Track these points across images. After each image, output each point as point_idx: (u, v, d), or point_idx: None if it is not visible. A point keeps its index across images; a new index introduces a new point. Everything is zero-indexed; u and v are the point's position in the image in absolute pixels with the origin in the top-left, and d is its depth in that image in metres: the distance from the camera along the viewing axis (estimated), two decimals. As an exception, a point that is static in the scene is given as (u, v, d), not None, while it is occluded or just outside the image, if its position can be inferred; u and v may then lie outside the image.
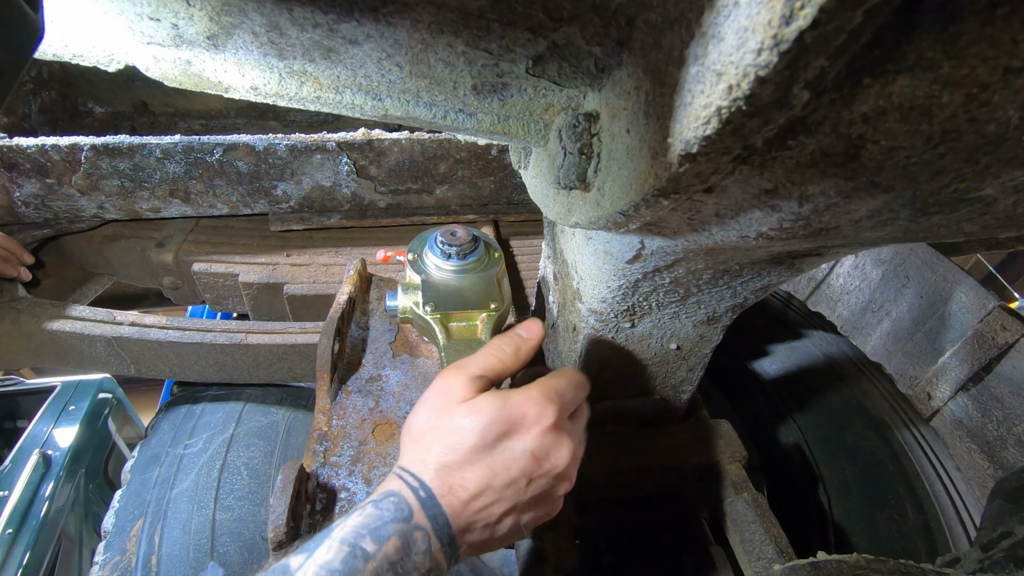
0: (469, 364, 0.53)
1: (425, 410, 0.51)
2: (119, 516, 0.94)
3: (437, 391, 0.51)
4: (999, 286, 4.34)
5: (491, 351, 0.54)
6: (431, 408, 0.51)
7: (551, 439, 0.49)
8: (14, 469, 1.94)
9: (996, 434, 0.88)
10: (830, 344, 1.35)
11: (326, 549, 0.41)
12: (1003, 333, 0.87)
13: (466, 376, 0.51)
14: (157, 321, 0.93)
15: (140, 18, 0.46)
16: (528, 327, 0.57)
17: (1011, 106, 0.28)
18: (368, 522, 0.43)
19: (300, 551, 0.43)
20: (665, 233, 0.50)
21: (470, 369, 0.52)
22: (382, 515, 0.44)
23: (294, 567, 0.41)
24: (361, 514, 0.44)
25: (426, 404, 0.51)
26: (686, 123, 0.31)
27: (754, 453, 1.28)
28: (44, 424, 2.19)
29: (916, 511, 1.06)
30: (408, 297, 0.82)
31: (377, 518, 0.43)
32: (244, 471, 1.00)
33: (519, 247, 1.24)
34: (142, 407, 2.86)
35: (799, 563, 0.67)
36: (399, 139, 1.07)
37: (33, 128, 1.26)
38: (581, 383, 0.54)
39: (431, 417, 0.50)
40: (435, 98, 0.48)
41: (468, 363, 0.53)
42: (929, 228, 0.41)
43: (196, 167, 1.03)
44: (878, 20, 0.23)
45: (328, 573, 0.40)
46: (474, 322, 0.80)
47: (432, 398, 0.51)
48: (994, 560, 0.68)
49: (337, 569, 0.40)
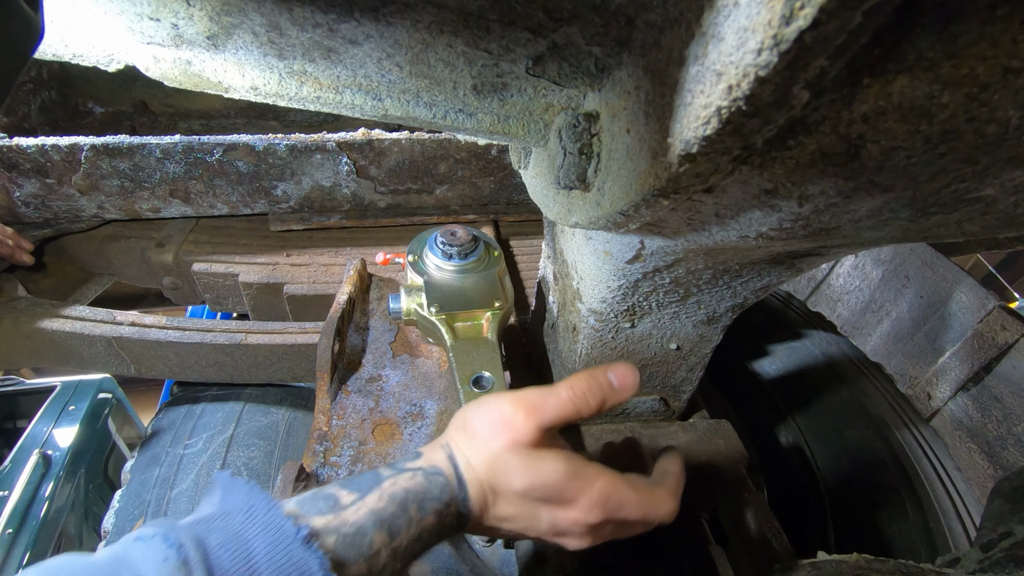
0: (545, 408, 0.48)
1: (487, 422, 0.48)
2: (119, 516, 0.94)
3: (504, 417, 0.48)
4: (999, 286, 4.33)
5: (573, 398, 0.49)
6: (492, 426, 0.48)
7: (578, 531, 0.49)
8: (14, 469, 1.94)
9: (996, 434, 0.88)
10: (830, 344, 1.35)
11: (377, 498, 0.43)
12: (1003, 333, 0.87)
13: (537, 424, 0.47)
14: (157, 321, 0.93)
15: (140, 18, 0.46)
16: (622, 375, 0.51)
17: (1011, 106, 0.28)
18: (418, 490, 0.44)
19: (348, 486, 0.43)
20: (665, 233, 0.50)
21: (544, 416, 0.48)
22: (429, 490, 0.45)
23: (344, 502, 0.42)
24: (413, 478, 0.45)
25: (489, 417, 0.48)
26: (686, 123, 0.31)
27: (754, 453, 1.28)
28: (44, 424, 2.19)
29: (916, 511, 1.06)
30: (412, 299, 0.82)
31: (426, 491, 0.45)
32: (244, 471, 1.00)
33: (519, 247, 1.24)
34: (142, 407, 2.86)
35: (799, 563, 0.67)
36: (399, 139, 1.07)
37: (33, 128, 1.26)
38: (651, 513, 0.49)
39: (490, 435, 0.48)
40: (435, 98, 0.48)
41: (544, 406, 0.48)
42: (929, 228, 0.41)
43: (196, 167, 1.03)
44: (878, 20, 0.23)
45: (376, 522, 0.41)
46: (479, 321, 0.80)
47: (497, 418, 0.48)
48: (994, 560, 0.68)
49: (385, 521, 0.42)
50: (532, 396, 0.49)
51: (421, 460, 0.47)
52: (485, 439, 0.48)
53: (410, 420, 0.79)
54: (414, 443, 0.76)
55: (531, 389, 0.50)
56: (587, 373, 0.50)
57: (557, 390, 0.49)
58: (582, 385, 0.49)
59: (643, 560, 0.89)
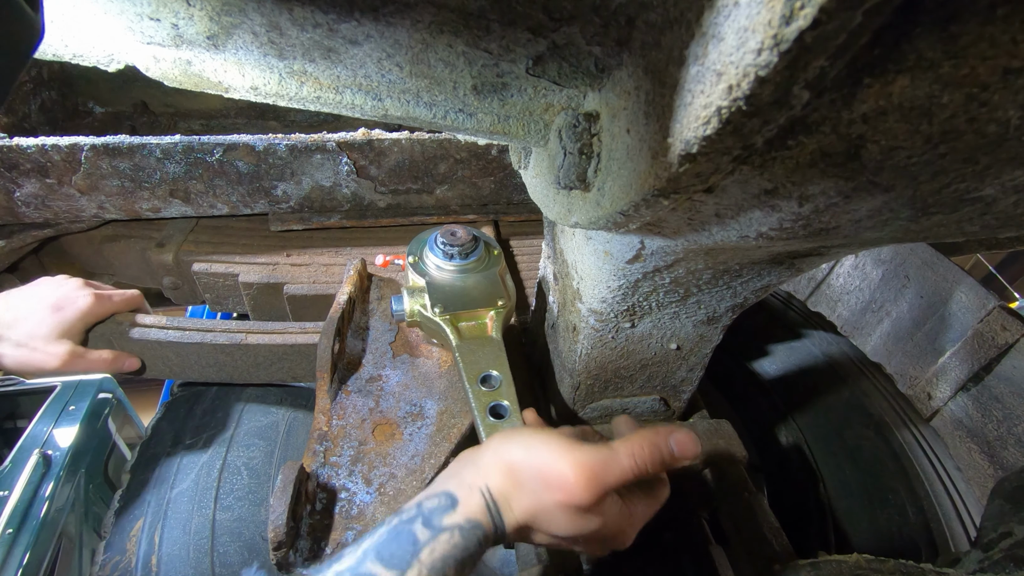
0: (608, 478, 0.46)
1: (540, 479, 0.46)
2: (119, 516, 0.94)
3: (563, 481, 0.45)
4: (999, 286, 4.33)
5: (635, 468, 0.47)
6: (546, 484, 0.46)
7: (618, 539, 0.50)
8: (14, 469, 1.94)
9: (996, 434, 0.88)
10: (830, 344, 1.35)
11: (416, 573, 0.41)
12: (1003, 333, 0.87)
13: (597, 496, 0.46)
14: (157, 321, 0.93)
15: (140, 18, 0.46)
16: (683, 444, 0.49)
17: (1011, 106, 0.28)
18: (457, 553, 0.43)
19: (386, 562, 0.41)
20: (665, 233, 0.50)
21: (606, 486, 0.46)
22: (468, 548, 0.44)
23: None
24: (451, 540, 0.43)
25: (543, 474, 0.46)
26: (686, 123, 0.31)
27: (754, 453, 1.28)
28: (44, 424, 2.19)
29: (916, 511, 1.06)
30: (415, 300, 0.82)
31: (464, 550, 0.44)
32: (244, 471, 0.99)
33: (519, 247, 1.24)
34: (142, 407, 2.86)
35: (799, 563, 0.67)
36: (399, 139, 1.07)
37: (33, 128, 1.26)
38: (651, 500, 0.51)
39: (541, 490, 0.46)
40: (435, 98, 0.48)
41: (607, 475, 0.46)
42: (929, 228, 0.41)
43: (196, 167, 1.03)
44: (878, 20, 0.23)
45: None
46: (483, 320, 0.80)
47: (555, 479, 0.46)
48: (994, 560, 0.68)
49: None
50: (594, 461, 0.46)
51: (458, 513, 0.44)
52: (535, 491, 0.46)
53: (410, 420, 0.79)
54: (414, 443, 0.76)
55: (590, 448, 0.47)
56: (650, 439, 0.48)
57: (619, 456, 0.47)
58: (645, 454, 0.48)
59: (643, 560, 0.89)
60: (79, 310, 0.84)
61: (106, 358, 0.87)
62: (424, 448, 0.76)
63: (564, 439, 0.48)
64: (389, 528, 0.44)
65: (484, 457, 0.50)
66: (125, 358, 0.90)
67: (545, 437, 0.49)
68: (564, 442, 0.48)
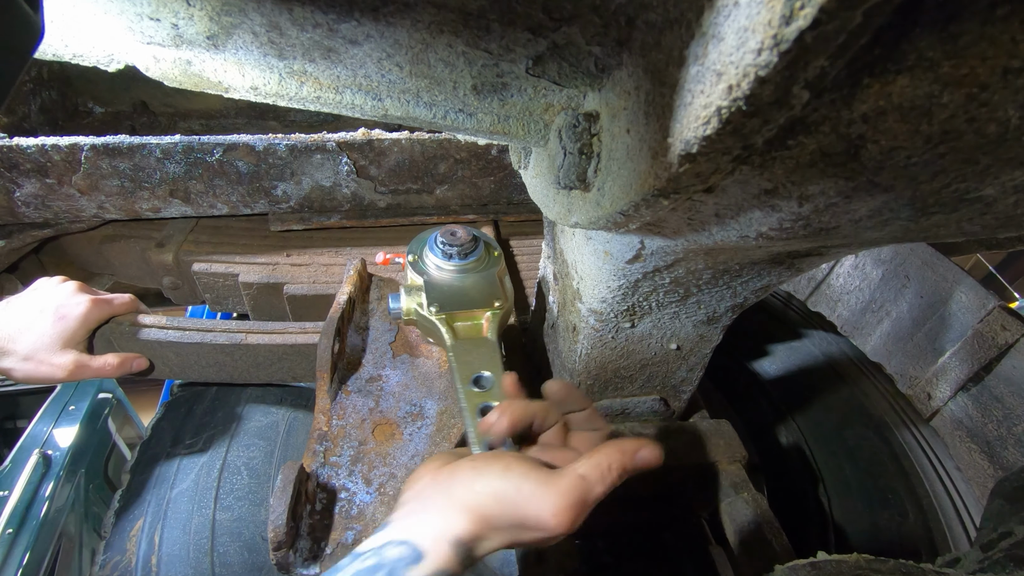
0: (585, 503, 0.46)
1: (518, 525, 0.46)
2: (119, 516, 0.94)
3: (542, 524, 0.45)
4: (999, 286, 4.33)
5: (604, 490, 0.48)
6: (524, 528, 0.46)
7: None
8: (14, 469, 1.94)
9: (996, 434, 0.88)
10: (830, 344, 1.35)
11: None
12: (1003, 333, 0.87)
13: (577, 519, 0.46)
14: (157, 321, 0.93)
15: (140, 18, 0.46)
16: (647, 460, 0.50)
17: (1011, 106, 0.28)
18: None
19: None
20: (665, 233, 0.50)
21: (583, 509, 0.47)
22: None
23: None
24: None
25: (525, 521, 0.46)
26: (686, 123, 0.31)
27: (754, 453, 1.28)
28: (44, 424, 2.19)
29: (916, 511, 1.06)
30: (412, 299, 0.82)
31: None
32: (244, 471, 1.00)
33: (519, 247, 1.24)
34: (142, 407, 2.86)
35: (799, 563, 0.66)
36: (399, 139, 1.07)
37: (33, 128, 1.26)
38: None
39: (520, 531, 0.46)
40: (435, 98, 0.48)
41: (584, 502, 0.46)
42: (929, 228, 0.41)
43: (196, 167, 1.03)
44: (878, 20, 0.23)
45: None
46: (479, 321, 0.80)
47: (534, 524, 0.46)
48: (994, 560, 0.68)
49: None
50: (571, 499, 0.46)
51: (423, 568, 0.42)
52: (511, 532, 0.46)
53: (410, 420, 0.79)
54: (414, 443, 0.76)
55: (563, 483, 0.46)
56: (619, 462, 0.49)
57: (591, 485, 0.47)
58: (614, 476, 0.48)
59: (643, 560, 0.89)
60: (80, 316, 0.84)
61: (112, 363, 0.87)
62: (424, 448, 0.76)
63: (532, 478, 0.47)
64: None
65: (446, 503, 0.47)
66: (132, 360, 0.90)
67: (512, 479, 0.47)
68: (534, 483, 0.46)
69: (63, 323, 0.83)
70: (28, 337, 0.81)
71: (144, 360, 0.91)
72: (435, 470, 0.52)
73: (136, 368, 0.90)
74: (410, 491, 0.51)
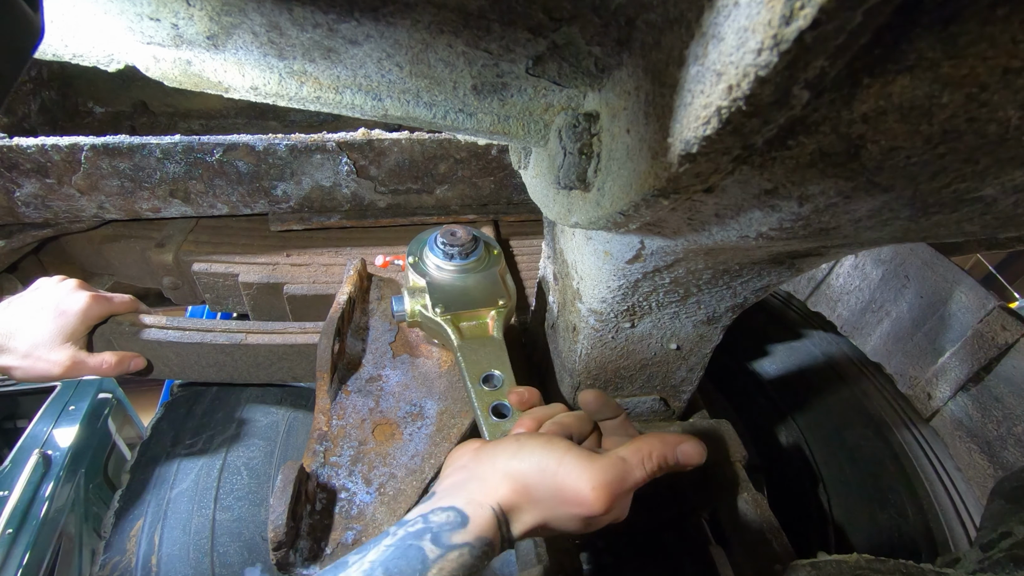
0: (623, 485, 0.47)
1: (558, 497, 0.46)
2: (119, 516, 0.94)
3: (581, 499, 0.46)
4: (999, 286, 4.33)
5: (644, 476, 0.48)
6: (563, 503, 0.46)
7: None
8: (14, 469, 1.94)
9: (996, 434, 0.88)
10: (830, 344, 1.35)
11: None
12: (1003, 333, 0.87)
13: (615, 500, 0.47)
14: (157, 321, 0.93)
15: (140, 18, 0.46)
16: (689, 455, 0.51)
17: (1011, 106, 0.28)
18: (464, 572, 0.43)
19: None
20: (665, 233, 0.50)
21: (622, 491, 0.47)
22: (476, 565, 0.43)
23: None
24: (460, 558, 0.43)
25: (563, 494, 0.47)
26: (686, 123, 0.31)
27: (754, 453, 1.28)
28: (44, 424, 2.19)
29: (916, 511, 1.06)
30: (415, 300, 0.82)
31: (472, 567, 0.43)
32: (244, 471, 1.00)
33: (519, 247, 1.24)
34: (142, 407, 2.86)
35: (799, 563, 0.67)
36: (399, 139, 1.07)
37: (33, 128, 1.26)
38: None
39: (557, 506, 0.47)
40: (435, 98, 0.48)
41: (623, 483, 0.47)
42: (929, 228, 0.41)
43: (196, 167, 1.03)
44: (878, 20, 0.23)
45: None
46: (484, 320, 0.80)
47: (573, 498, 0.46)
48: (994, 560, 0.68)
49: None
50: (610, 477, 0.46)
51: (468, 531, 0.43)
52: (549, 506, 0.47)
53: (410, 420, 0.79)
54: (414, 443, 0.76)
55: (603, 462, 0.47)
56: (660, 450, 0.49)
57: (631, 468, 0.48)
58: (655, 465, 0.49)
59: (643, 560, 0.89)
60: (78, 312, 0.84)
61: (110, 361, 0.86)
62: (424, 448, 0.76)
63: (574, 453, 0.48)
64: (396, 541, 0.43)
65: (490, 471, 0.49)
66: (130, 359, 0.89)
67: (555, 452, 0.48)
68: (576, 458, 0.47)
69: (62, 319, 0.83)
70: (27, 334, 0.81)
71: (142, 360, 0.91)
72: (475, 449, 0.53)
73: (134, 368, 0.90)
74: (451, 467, 0.53)
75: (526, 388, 0.63)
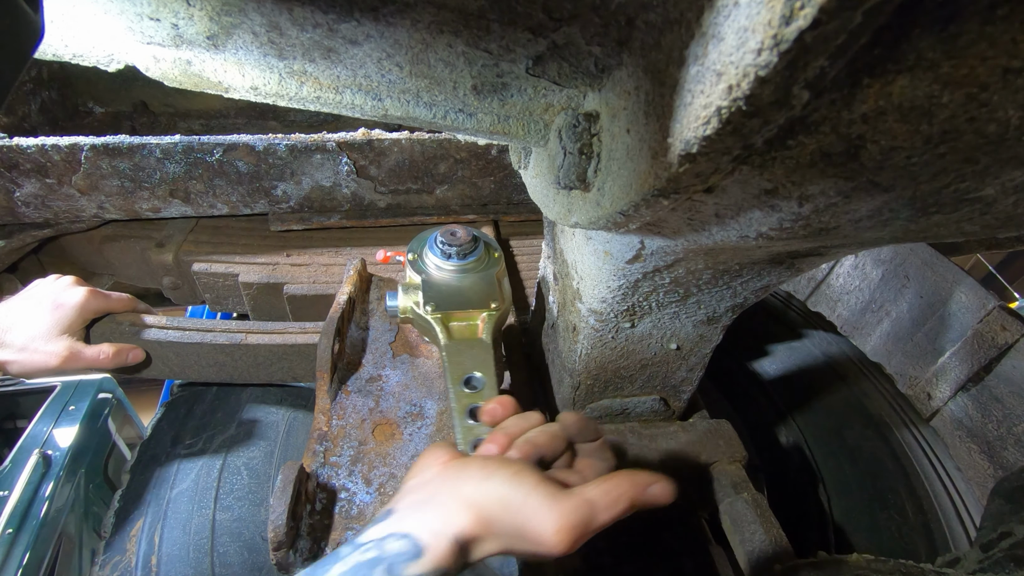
0: (588, 527, 0.46)
1: (521, 535, 0.46)
2: (119, 516, 0.94)
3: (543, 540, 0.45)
4: (999, 286, 4.33)
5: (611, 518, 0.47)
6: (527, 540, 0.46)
7: None
8: (14, 469, 1.94)
9: (996, 434, 0.88)
10: (830, 344, 1.35)
11: None
12: (1003, 333, 0.87)
13: (578, 541, 0.46)
14: (157, 321, 0.93)
15: (140, 18, 0.46)
16: (658, 497, 0.49)
17: (1011, 106, 0.28)
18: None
19: None
20: (665, 233, 0.50)
21: (586, 532, 0.46)
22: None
23: None
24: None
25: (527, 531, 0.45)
26: (686, 123, 0.31)
27: (754, 453, 1.28)
28: (44, 424, 2.19)
29: (916, 511, 1.06)
30: (409, 297, 0.82)
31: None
32: (244, 471, 1.00)
33: (519, 247, 1.24)
34: (142, 407, 2.86)
35: (799, 563, 0.67)
36: (399, 139, 1.07)
37: (33, 128, 1.26)
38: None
39: (521, 541, 0.46)
40: (435, 98, 0.48)
41: (588, 525, 0.46)
42: (929, 228, 0.41)
43: (196, 167, 1.03)
44: (878, 20, 0.23)
45: None
46: (475, 322, 0.80)
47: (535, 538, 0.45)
48: (994, 560, 0.68)
49: None
50: (575, 520, 0.45)
51: (423, 563, 0.42)
52: (511, 539, 0.46)
53: (410, 420, 0.79)
54: (414, 443, 0.76)
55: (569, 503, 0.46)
56: (629, 494, 0.48)
57: (598, 511, 0.46)
58: (622, 507, 0.47)
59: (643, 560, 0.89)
60: (75, 305, 0.84)
61: (108, 352, 0.86)
62: (424, 448, 0.76)
63: (541, 491, 0.46)
64: (347, 570, 0.42)
65: (453, 498, 0.47)
66: (129, 351, 0.89)
67: (522, 487, 0.46)
68: (542, 496, 0.46)
69: (59, 311, 0.83)
70: (24, 328, 0.81)
71: (140, 352, 0.90)
72: (443, 463, 0.51)
73: (132, 360, 0.89)
74: (415, 480, 0.51)
75: (498, 400, 0.60)
